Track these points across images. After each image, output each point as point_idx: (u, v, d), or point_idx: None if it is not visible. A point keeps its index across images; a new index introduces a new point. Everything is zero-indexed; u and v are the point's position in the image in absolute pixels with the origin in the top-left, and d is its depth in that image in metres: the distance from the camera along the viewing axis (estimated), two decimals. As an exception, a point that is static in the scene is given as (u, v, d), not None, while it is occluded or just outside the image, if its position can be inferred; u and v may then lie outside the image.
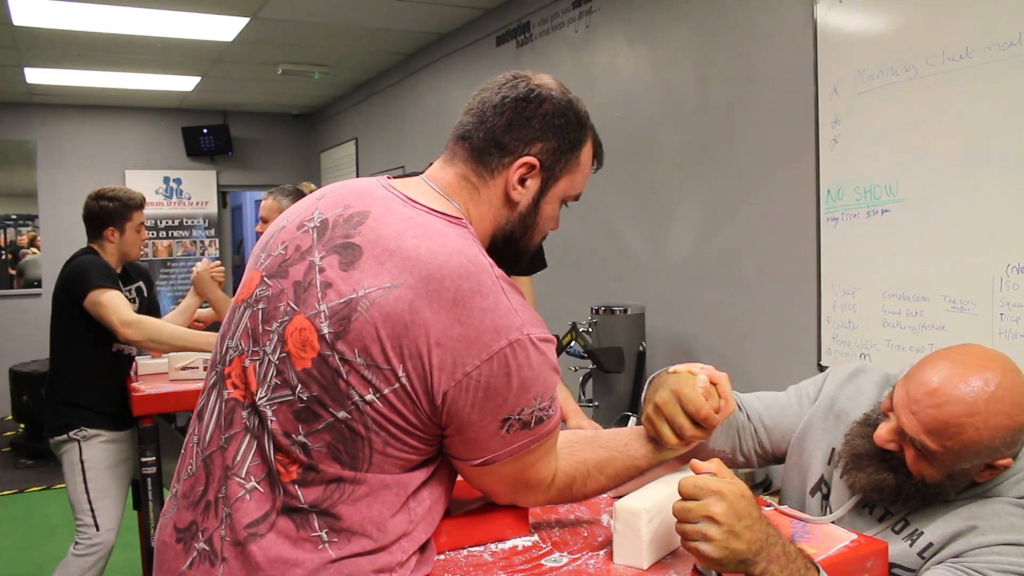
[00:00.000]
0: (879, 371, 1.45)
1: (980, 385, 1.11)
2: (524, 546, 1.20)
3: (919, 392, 1.15)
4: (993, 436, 1.11)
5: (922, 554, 1.20)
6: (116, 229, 2.89)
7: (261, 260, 1.13)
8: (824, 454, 1.38)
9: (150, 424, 2.80)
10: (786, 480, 1.44)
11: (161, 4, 4.21)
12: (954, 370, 1.14)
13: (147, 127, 7.21)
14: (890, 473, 1.21)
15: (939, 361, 1.18)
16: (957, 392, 1.12)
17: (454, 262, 0.99)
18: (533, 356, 1.00)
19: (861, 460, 1.24)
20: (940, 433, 1.12)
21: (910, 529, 1.23)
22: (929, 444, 1.14)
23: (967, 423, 1.10)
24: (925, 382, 1.15)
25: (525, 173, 1.12)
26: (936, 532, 1.19)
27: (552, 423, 1.07)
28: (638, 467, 1.21)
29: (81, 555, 2.73)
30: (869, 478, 1.22)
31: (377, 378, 0.97)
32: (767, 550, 1.02)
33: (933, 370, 1.16)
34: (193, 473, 1.09)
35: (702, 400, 1.15)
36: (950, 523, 1.19)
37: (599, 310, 3.16)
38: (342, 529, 1.00)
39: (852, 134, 2.53)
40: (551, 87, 1.14)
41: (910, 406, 1.16)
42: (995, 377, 1.12)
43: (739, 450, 1.46)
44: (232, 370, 1.09)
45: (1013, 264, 2.10)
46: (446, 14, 4.67)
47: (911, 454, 1.18)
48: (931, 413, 1.13)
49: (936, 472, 1.17)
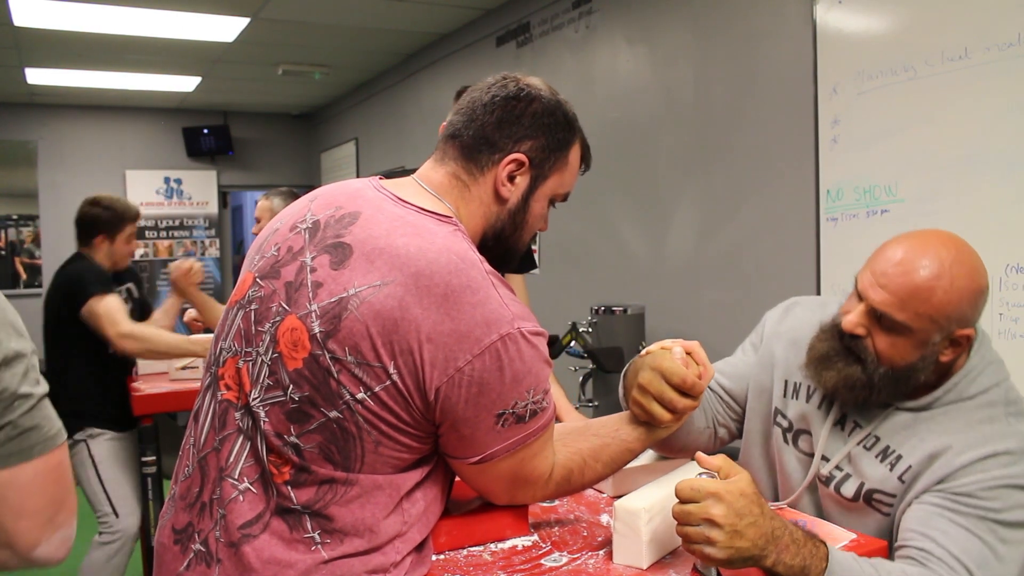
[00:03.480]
0: (812, 298, 1.50)
1: (943, 251, 1.16)
2: (524, 546, 1.20)
3: (886, 266, 1.18)
4: (960, 298, 1.14)
5: (902, 478, 1.20)
6: (106, 238, 2.90)
7: (255, 262, 1.13)
8: (780, 389, 1.39)
9: (150, 424, 2.81)
10: (748, 428, 1.44)
11: (161, 4, 4.21)
12: (914, 242, 1.19)
13: (147, 127, 7.21)
14: (858, 366, 1.21)
15: (898, 240, 1.22)
16: (923, 259, 1.15)
17: (443, 258, 1.00)
18: (524, 349, 1.01)
19: (828, 359, 1.25)
20: (912, 299, 1.15)
21: (883, 446, 1.23)
22: (900, 315, 1.15)
23: (936, 285, 1.14)
24: (890, 257, 1.19)
25: (514, 170, 1.13)
26: (913, 454, 1.20)
27: (547, 416, 1.08)
28: (632, 450, 1.22)
29: (106, 543, 2.79)
30: (839, 374, 1.23)
31: (368, 376, 0.98)
32: (775, 543, 1.03)
33: (894, 247, 1.20)
34: (189, 475, 1.10)
35: (684, 369, 1.18)
36: (925, 441, 1.19)
37: (599, 310, 3.15)
38: (335, 530, 1.00)
39: (852, 134, 2.53)
40: (540, 87, 1.16)
41: (878, 280, 1.18)
42: (953, 244, 1.18)
43: (716, 422, 1.46)
44: (225, 371, 1.09)
45: (1012, 264, 2.10)
46: (446, 14, 4.67)
47: (882, 339, 1.19)
48: (900, 281, 1.15)
49: (909, 351, 1.18)
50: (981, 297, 1.17)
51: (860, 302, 1.21)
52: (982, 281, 1.17)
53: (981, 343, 1.24)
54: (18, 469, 0.82)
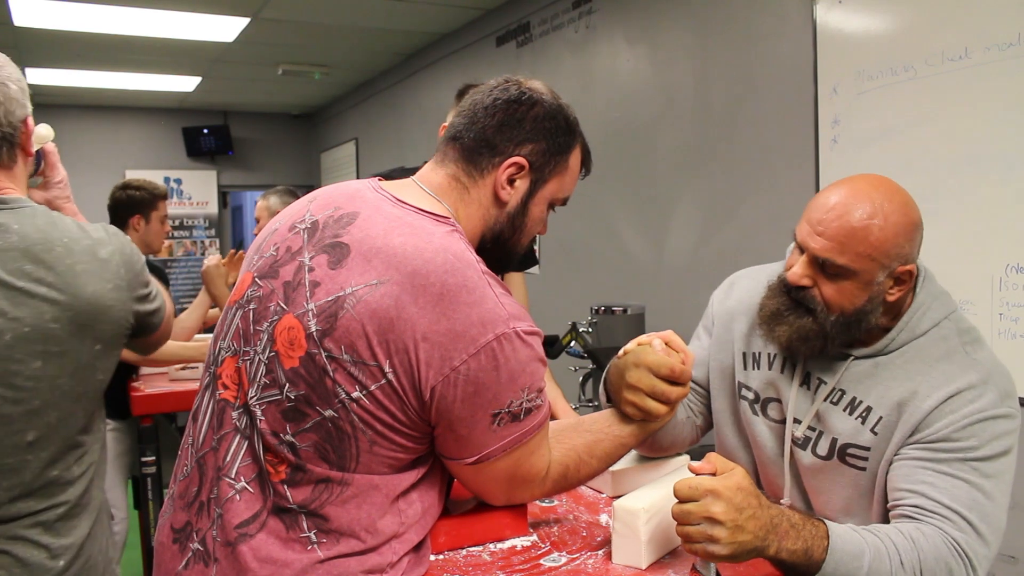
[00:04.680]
0: (750, 269, 1.52)
1: (873, 192, 1.18)
2: (523, 546, 1.20)
3: (820, 213, 1.19)
4: (896, 233, 1.16)
5: (874, 429, 1.21)
6: (143, 217, 2.95)
7: (254, 262, 1.14)
8: (740, 362, 1.39)
9: (150, 424, 2.80)
10: (716, 408, 1.44)
11: (161, 4, 4.21)
12: (845, 187, 1.21)
13: (148, 127, 7.21)
14: (809, 317, 1.22)
15: (829, 189, 1.23)
16: (855, 200, 1.17)
17: (440, 258, 1.00)
18: (520, 349, 1.01)
19: (780, 314, 1.26)
20: (849, 241, 1.16)
21: (849, 398, 1.24)
22: (841, 259, 1.17)
23: (871, 224, 1.15)
24: (823, 204, 1.20)
25: (514, 173, 1.13)
26: (881, 404, 1.20)
27: (542, 414, 1.08)
28: (626, 445, 1.23)
29: None
30: (791, 327, 1.23)
31: (363, 375, 0.98)
32: (775, 531, 1.04)
33: (827, 194, 1.22)
34: (188, 474, 1.10)
35: (670, 359, 1.21)
36: (890, 389, 1.20)
37: (599, 310, 3.15)
38: (331, 530, 1.00)
39: (852, 134, 2.53)
40: (542, 91, 1.16)
41: (815, 228, 1.19)
42: (883, 184, 1.20)
43: (693, 411, 1.47)
44: (224, 370, 1.09)
45: (1012, 264, 2.10)
46: (446, 14, 4.67)
47: (829, 287, 1.20)
48: (836, 225, 1.17)
49: (856, 295, 1.19)
50: (917, 231, 1.19)
51: (802, 254, 1.23)
52: (915, 215, 1.19)
53: (926, 279, 1.26)
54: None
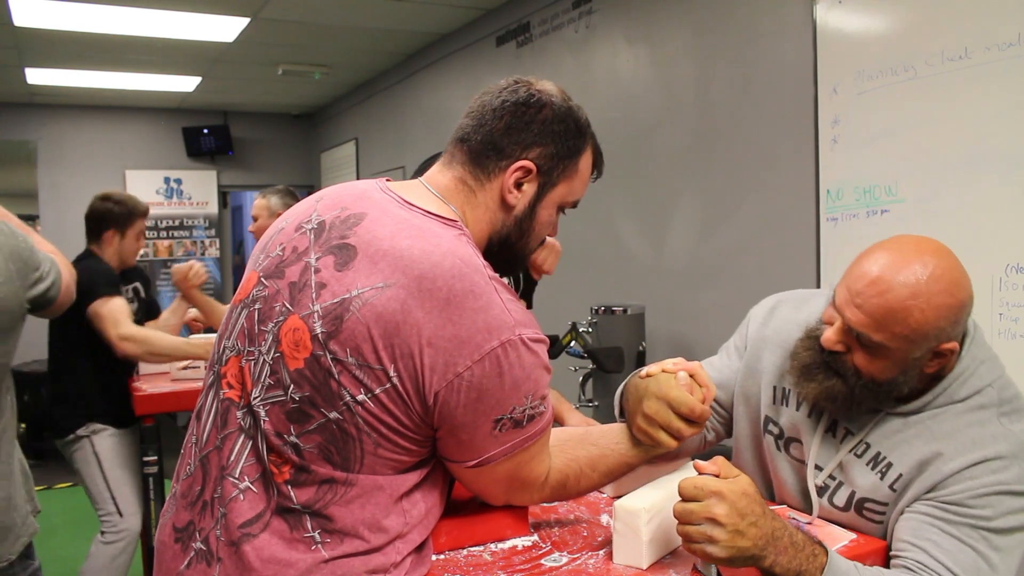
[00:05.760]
0: (795, 294, 1.46)
1: (919, 268, 1.11)
2: (524, 546, 1.20)
3: (860, 284, 1.14)
4: (938, 316, 1.10)
5: (893, 486, 1.19)
6: (117, 233, 2.91)
7: (259, 261, 1.13)
8: (768, 395, 1.37)
9: (152, 424, 2.81)
10: (737, 432, 1.43)
11: (161, 4, 4.21)
12: (891, 257, 1.14)
13: (147, 127, 7.20)
14: (839, 379, 1.19)
15: (875, 252, 1.17)
16: (898, 277, 1.11)
17: (447, 262, 0.99)
18: (525, 356, 1.00)
19: (810, 370, 1.23)
20: (887, 320, 1.11)
21: (873, 452, 1.22)
22: (877, 336, 1.12)
23: (912, 306, 1.10)
24: (865, 274, 1.14)
25: (521, 177, 1.12)
26: (903, 462, 1.18)
27: (544, 421, 1.08)
28: (630, 464, 1.22)
29: (109, 542, 2.79)
30: (820, 386, 1.21)
31: (368, 378, 0.98)
32: (774, 543, 1.03)
33: (870, 261, 1.16)
34: (191, 473, 1.10)
35: (692, 399, 1.17)
36: (914, 448, 1.18)
37: (599, 310, 3.15)
38: (335, 530, 1.00)
39: (852, 134, 2.53)
40: (552, 93, 1.14)
41: (853, 300, 1.14)
42: (932, 259, 1.13)
43: (706, 428, 1.45)
44: (228, 370, 1.09)
45: (1012, 264, 2.10)
46: (446, 14, 4.67)
47: (861, 356, 1.16)
48: (875, 302, 1.12)
49: (889, 369, 1.16)
50: (962, 311, 1.14)
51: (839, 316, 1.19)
52: (962, 295, 1.13)
53: (973, 341, 1.21)
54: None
